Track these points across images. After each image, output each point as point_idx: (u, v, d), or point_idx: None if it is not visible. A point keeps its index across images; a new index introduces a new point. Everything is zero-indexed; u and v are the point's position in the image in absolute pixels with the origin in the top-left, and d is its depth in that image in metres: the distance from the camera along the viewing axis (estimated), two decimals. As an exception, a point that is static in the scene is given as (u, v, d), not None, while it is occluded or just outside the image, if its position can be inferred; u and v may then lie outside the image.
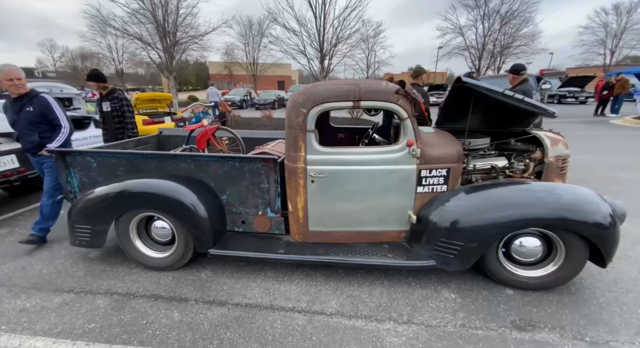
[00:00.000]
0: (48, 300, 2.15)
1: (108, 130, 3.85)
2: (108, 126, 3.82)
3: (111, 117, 3.73)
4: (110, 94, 3.72)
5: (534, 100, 2.29)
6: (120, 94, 3.76)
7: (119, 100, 3.71)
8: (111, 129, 3.80)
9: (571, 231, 1.94)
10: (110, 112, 3.71)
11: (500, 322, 1.88)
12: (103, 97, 3.73)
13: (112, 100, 3.69)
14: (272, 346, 1.72)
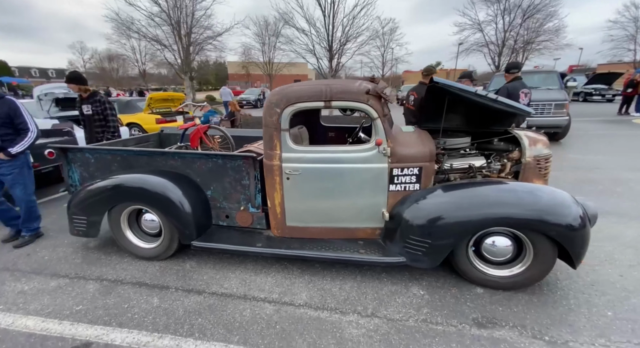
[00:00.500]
0: (45, 284, 2.35)
1: (89, 133, 3.84)
2: (88, 129, 3.81)
3: (93, 120, 3.72)
4: (91, 97, 3.70)
5: (509, 100, 2.27)
6: (102, 96, 3.75)
7: (101, 103, 3.70)
8: (92, 132, 3.78)
9: (538, 232, 1.94)
10: (92, 115, 3.70)
11: (462, 319, 1.90)
12: (83, 99, 3.70)
13: (93, 103, 3.67)
14: (237, 332, 1.83)
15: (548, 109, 6.73)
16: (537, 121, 6.57)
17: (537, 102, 6.59)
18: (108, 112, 3.74)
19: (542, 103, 6.70)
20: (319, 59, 13.41)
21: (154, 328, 1.88)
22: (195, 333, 1.83)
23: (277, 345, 1.74)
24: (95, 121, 3.72)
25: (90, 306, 2.09)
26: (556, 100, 6.73)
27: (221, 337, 1.80)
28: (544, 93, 6.96)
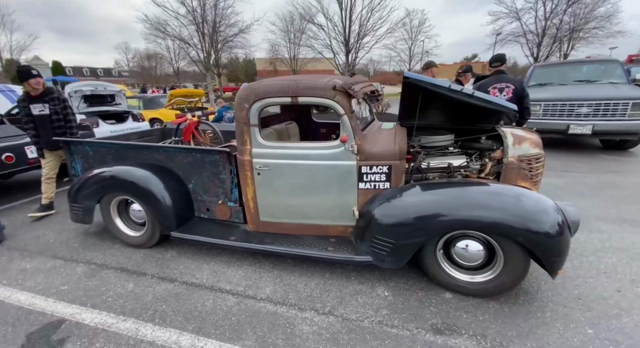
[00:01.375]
0: (43, 264, 2.59)
1: (41, 136, 3.33)
2: (41, 131, 3.31)
3: (50, 120, 3.31)
4: (47, 95, 3.28)
5: (488, 96, 2.12)
6: (60, 93, 3.39)
7: (61, 101, 3.35)
8: (47, 134, 3.31)
9: (507, 237, 1.80)
10: (49, 115, 3.29)
11: (420, 324, 1.83)
12: (34, 98, 3.23)
13: (50, 101, 3.28)
14: (195, 321, 1.91)
15: (620, 110, 5.04)
16: (604, 126, 5.13)
17: (600, 100, 5.13)
18: (69, 111, 3.41)
19: (609, 102, 5.09)
20: (336, 54, 13.24)
21: (121, 311, 2.01)
22: (156, 319, 1.93)
23: (228, 336, 1.79)
24: (53, 122, 3.32)
25: (74, 287, 2.27)
26: (632, 98, 5.00)
27: (178, 324, 1.88)
28: (609, 89, 5.35)
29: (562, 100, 5.43)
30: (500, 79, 3.56)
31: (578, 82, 6.02)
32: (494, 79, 3.61)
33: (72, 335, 1.82)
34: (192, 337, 1.78)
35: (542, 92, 5.80)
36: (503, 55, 3.76)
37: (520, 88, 3.47)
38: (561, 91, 5.68)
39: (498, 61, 3.70)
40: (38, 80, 3.22)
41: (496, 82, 3.57)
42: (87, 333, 1.83)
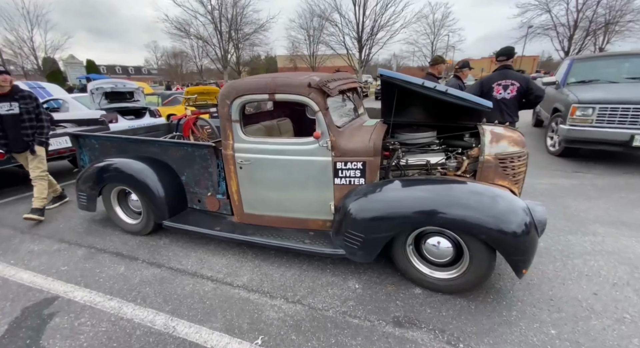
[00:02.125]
0: (49, 246, 2.83)
1: (9, 137, 3.13)
2: (9, 132, 3.11)
3: (19, 120, 3.09)
4: (16, 93, 3.08)
5: (461, 92, 2.10)
6: (31, 92, 3.20)
7: (33, 99, 3.16)
8: (15, 136, 3.13)
9: (470, 234, 1.81)
10: (19, 115, 3.07)
11: (383, 316, 1.88)
12: (0, 96, 3.01)
13: (20, 100, 3.08)
14: (172, 303, 2.05)
15: None
16: None
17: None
18: (42, 110, 3.24)
19: None
20: (349, 50, 13.13)
21: (109, 291, 2.18)
22: (138, 300, 2.09)
23: (199, 318, 1.91)
24: (24, 121, 3.12)
25: (72, 268, 2.48)
26: None
27: (157, 305, 2.03)
28: None
29: (624, 103, 4.20)
30: (505, 75, 3.42)
31: (631, 79, 4.94)
32: (498, 75, 3.47)
33: (62, 311, 2.01)
34: (167, 317, 1.92)
35: (593, 91, 4.66)
36: (511, 49, 3.54)
37: (525, 86, 3.34)
38: (620, 91, 4.47)
39: (504, 55, 3.50)
40: (5, 77, 3.00)
41: (500, 78, 3.44)
42: (75, 309, 2.02)
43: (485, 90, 3.53)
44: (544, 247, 2.58)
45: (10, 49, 23.94)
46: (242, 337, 1.76)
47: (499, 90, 3.44)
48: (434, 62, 4.12)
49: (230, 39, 17.22)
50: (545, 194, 3.72)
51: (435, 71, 4.08)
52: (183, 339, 1.75)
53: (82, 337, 1.79)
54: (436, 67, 4.08)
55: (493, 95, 3.44)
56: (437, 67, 4.08)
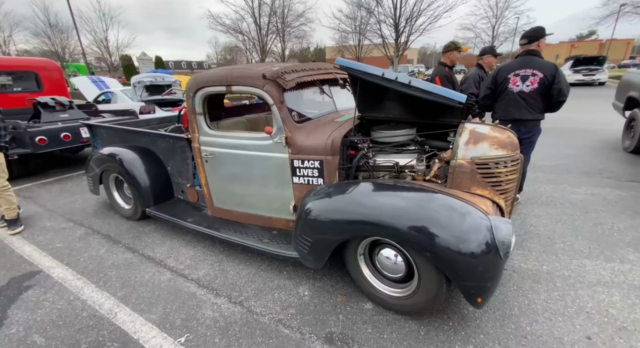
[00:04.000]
0: (58, 225, 3.17)
1: None
2: None
3: None
4: None
5: (428, 84, 1.78)
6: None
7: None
8: None
9: (414, 250, 1.56)
10: None
11: (318, 329, 1.73)
12: None
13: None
14: (125, 289, 2.13)
15: None
16: None
17: None
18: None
19: None
20: (385, 38, 12.35)
21: (82, 271, 2.36)
22: (100, 282, 2.22)
23: (141, 307, 1.96)
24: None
25: (65, 246, 2.74)
26: None
27: (113, 290, 2.14)
28: None
29: None
30: (526, 63, 2.82)
31: None
32: (517, 63, 2.89)
33: (37, 284, 2.22)
34: (114, 303, 2.00)
35: None
36: (537, 30, 2.87)
37: (550, 78, 2.71)
38: None
39: (526, 37, 2.88)
40: None
41: (520, 67, 2.85)
42: (48, 284, 2.21)
43: (500, 82, 2.98)
44: (546, 271, 2.15)
45: (98, 48, 27.37)
46: (169, 332, 1.75)
47: (516, 82, 2.89)
48: (446, 49, 3.62)
49: (277, 31, 17.55)
50: (578, 206, 3.11)
51: (447, 60, 3.58)
52: (117, 326, 1.81)
53: (39, 311, 1.96)
54: (448, 55, 3.57)
55: (508, 87, 2.92)
56: (449, 55, 3.56)
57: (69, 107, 5.35)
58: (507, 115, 2.95)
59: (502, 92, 2.96)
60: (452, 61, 3.58)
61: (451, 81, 3.32)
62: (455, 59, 3.61)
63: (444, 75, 3.36)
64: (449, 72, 3.43)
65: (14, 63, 6.08)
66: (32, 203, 3.77)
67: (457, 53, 3.58)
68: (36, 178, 4.74)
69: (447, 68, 3.42)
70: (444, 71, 3.38)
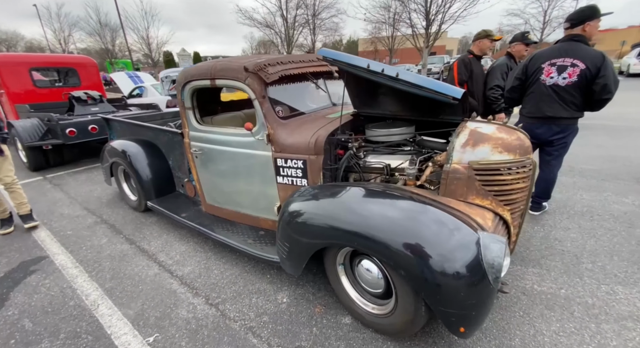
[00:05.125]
0: (74, 212, 3.35)
1: None
2: None
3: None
4: None
5: (418, 77, 1.54)
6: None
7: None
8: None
9: (391, 267, 1.37)
10: None
11: (287, 342, 1.62)
12: None
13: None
14: (114, 281, 2.17)
15: None
16: None
17: None
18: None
19: None
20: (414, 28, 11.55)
21: (81, 260, 2.45)
22: (93, 272, 2.29)
23: (123, 301, 1.98)
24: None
25: (74, 234, 2.88)
26: None
27: (102, 280, 2.19)
28: None
29: None
30: (566, 51, 2.37)
31: None
32: (555, 50, 2.44)
33: (41, 270, 2.34)
34: (100, 294, 2.04)
35: None
36: (584, 11, 2.34)
37: (594, 70, 2.24)
38: None
39: (569, 21, 2.42)
40: None
41: (558, 55, 2.41)
42: (49, 270, 2.33)
43: (532, 72, 2.58)
44: (564, 296, 1.84)
45: (140, 45, 29.18)
46: (141, 330, 1.74)
47: (550, 72, 2.48)
48: (476, 37, 3.25)
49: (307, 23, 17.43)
50: (620, 220, 2.66)
51: (476, 49, 3.21)
52: (96, 319, 1.84)
53: (35, 297, 2.05)
54: (477, 44, 3.20)
55: (540, 79, 2.52)
56: (478, 44, 3.19)
57: (100, 101, 5.69)
58: (536, 111, 2.58)
59: (533, 84, 2.58)
60: (481, 50, 3.20)
61: (469, 69, 2.97)
62: (486, 48, 3.21)
63: (462, 61, 3.02)
64: (472, 59, 3.06)
65: (57, 60, 6.58)
66: (59, 191, 4.06)
67: (487, 41, 3.19)
68: (69, 167, 5.10)
69: (477, 59, 3.07)
70: (466, 58, 3.03)
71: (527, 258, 2.22)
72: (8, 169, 2.83)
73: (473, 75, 2.96)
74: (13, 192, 2.89)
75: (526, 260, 2.20)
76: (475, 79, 2.97)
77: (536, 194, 2.83)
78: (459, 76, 2.94)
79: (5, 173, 2.82)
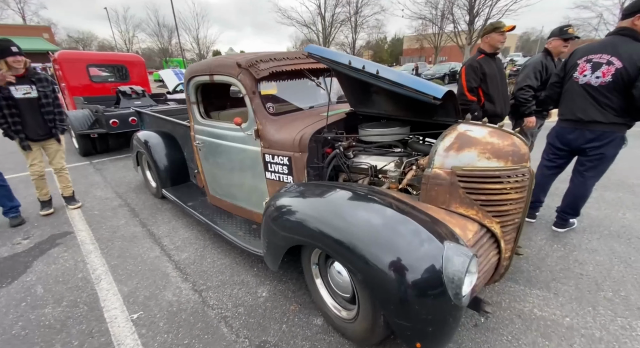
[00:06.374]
0: (106, 195, 3.70)
1: (27, 123, 2.83)
2: (28, 117, 2.82)
3: (38, 105, 2.84)
4: (32, 75, 2.80)
5: (402, 75, 1.43)
6: (47, 75, 2.95)
7: (49, 82, 2.91)
8: (36, 123, 2.87)
9: (350, 271, 1.32)
10: (37, 99, 2.82)
11: (255, 335, 1.64)
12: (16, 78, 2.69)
13: (37, 83, 2.81)
14: (119, 259, 2.37)
15: None
16: None
17: None
18: (58, 95, 3.04)
19: None
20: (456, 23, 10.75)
21: (97, 237, 2.70)
22: (105, 249, 2.51)
23: (122, 278, 2.15)
24: (43, 106, 2.87)
25: (99, 214, 3.18)
26: None
27: (110, 258, 2.39)
28: None
29: None
30: (605, 47, 2.10)
31: None
32: (597, 45, 2.17)
33: (64, 243, 2.63)
34: (105, 270, 2.24)
35: None
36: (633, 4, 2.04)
37: (634, 71, 1.95)
38: None
39: (623, 12, 2.13)
40: (17, 59, 2.66)
41: (596, 50, 2.13)
42: (70, 244, 2.60)
43: (569, 68, 2.31)
44: (567, 325, 1.63)
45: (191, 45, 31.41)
46: (129, 307, 1.88)
47: (585, 70, 2.18)
48: (483, 33, 2.89)
49: (348, 20, 17.35)
50: None
51: (486, 46, 2.79)
52: (95, 292, 2.02)
53: (52, 267, 2.31)
54: (486, 40, 2.78)
55: (574, 76, 2.25)
56: (487, 40, 2.77)
57: (142, 95, 6.19)
58: (568, 113, 2.32)
59: (567, 82, 2.32)
60: (492, 46, 2.77)
61: (478, 73, 2.65)
62: (497, 43, 2.77)
63: (470, 66, 2.70)
64: (482, 60, 2.74)
65: (110, 58, 7.29)
66: (98, 175, 4.51)
67: (496, 35, 2.70)
68: (112, 154, 5.64)
69: (489, 56, 2.78)
70: (474, 62, 2.73)
71: (535, 278, 2.00)
72: (61, 156, 3.18)
73: (486, 77, 2.67)
74: (61, 176, 3.25)
75: (533, 280, 1.98)
76: (490, 80, 2.69)
77: (562, 209, 2.53)
78: (468, 84, 2.66)
79: (58, 160, 3.17)
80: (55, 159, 3.15)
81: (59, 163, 3.19)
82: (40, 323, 1.77)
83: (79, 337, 1.67)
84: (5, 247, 2.59)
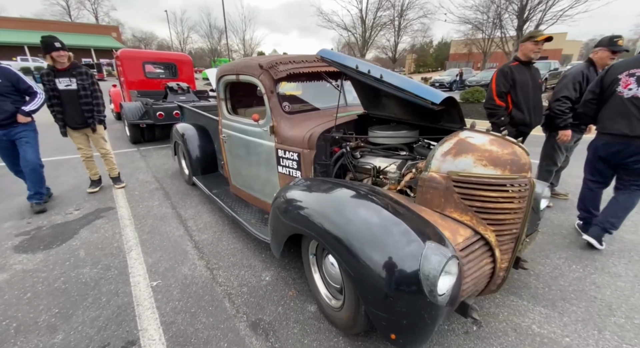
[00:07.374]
0: (145, 178, 4.12)
1: (67, 112, 3.16)
2: (68, 107, 3.14)
3: (77, 96, 3.12)
4: (74, 69, 3.08)
5: (403, 79, 1.48)
6: (87, 69, 3.18)
7: (89, 76, 3.14)
8: (75, 112, 3.18)
9: (338, 261, 1.41)
10: (77, 91, 3.10)
11: (252, 313, 1.79)
12: (60, 71, 3.01)
13: (78, 76, 3.08)
14: (149, 235, 2.66)
15: None
16: None
17: None
18: (97, 87, 3.25)
19: None
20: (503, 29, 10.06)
21: (134, 214, 3.05)
22: (138, 225, 2.84)
23: (149, 251, 2.43)
24: (81, 98, 3.14)
25: (139, 194, 3.57)
26: None
27: (141, 232, 2.70)
28: None
29: None
30: None
31: None
32: (635, 61, 2.12)
33: (106, 216, 3.01)
34: (136, 243, 2.54)
35: None
36: None
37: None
38: None
39: None
40: (60, 53, 2.94)
41: (637, 65, 2.08)
42: (111, 217, 2.98)
43: (608, 84, 2.23)
44: (565, 345, 1.57)
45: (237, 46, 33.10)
46: (151, 275, 2.13)
47: (629, 84, 2.09)
48: (522, 40, 2.81)
49: (391, 23, 17.21)
50: None
51: (521, 54, 2.75)
52: (125, 260, 2.31)
53: (95, 235, 2.67)
54: (521, 48, 2.73)
55: (617, 91, 2.15)
56: (522, 48, 2.71)
57: (187, 91, 6.73)
58: (612, 127, 2.24)
59: (609, 98, 2.24)
60: (525, 55, 2.71)
61: (509, 79, 2.59)
62: (530, 52, 2.68)
63: (501, 71, 2.65)
64: (515, 67, 2.66)
65: (162, 56, 8.00)
66: (143, 161, 5.01)
67: (530, 44, 2.66)
68: (157, 143, 6.21)
69: (516, 63, 2.69)
70: (505, 67, 2.67)
71: (541, 296, 1.93)
72: (102, 143, 3.54)
73: (516, 84, 2.59)
74: (106, 160, 3.68)
75: (539, 297, 1.91)
76: (520, 87, 2.61)
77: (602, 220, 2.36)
78: (497, 88, 2.61)
79: (101, 146, 3.54)
80: (98, 145, 3.53)
81: (102, 148, 3.57)
82: (78, 280, 2.08)
83: (107, 294, 1.95)
84: (59, 215, 3.03)
